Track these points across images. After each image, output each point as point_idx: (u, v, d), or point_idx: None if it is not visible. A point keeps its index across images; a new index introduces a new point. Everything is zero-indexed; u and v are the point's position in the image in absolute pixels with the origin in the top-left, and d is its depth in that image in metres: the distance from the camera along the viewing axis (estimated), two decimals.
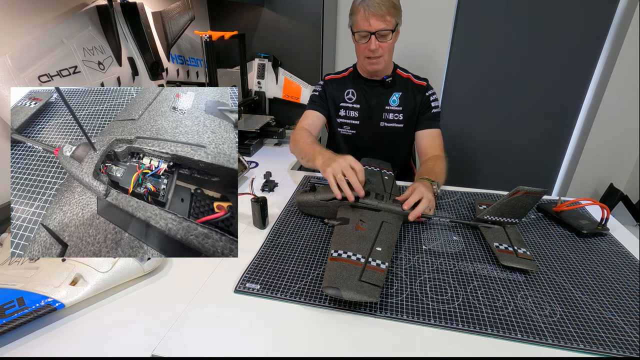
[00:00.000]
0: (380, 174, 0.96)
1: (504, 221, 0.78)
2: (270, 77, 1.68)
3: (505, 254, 0.68)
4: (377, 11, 0.97)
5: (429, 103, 1.13)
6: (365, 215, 0.76)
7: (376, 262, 0.62)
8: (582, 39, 1.69)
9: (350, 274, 0.59)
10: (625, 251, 0.74)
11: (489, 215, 0.77)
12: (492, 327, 0.54)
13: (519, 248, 0.70)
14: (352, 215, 0.75)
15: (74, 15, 0.97)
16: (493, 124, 1.95)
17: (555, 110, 1.86)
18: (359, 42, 1.04)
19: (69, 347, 0.51)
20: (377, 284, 0.57)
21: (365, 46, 1.03)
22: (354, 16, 1.03)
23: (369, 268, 0.60)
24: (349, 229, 0.71)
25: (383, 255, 0.64)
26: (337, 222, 0.74)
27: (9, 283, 0.57)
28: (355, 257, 0.63)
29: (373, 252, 0.65)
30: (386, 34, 1.00)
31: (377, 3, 0.97)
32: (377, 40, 1.01)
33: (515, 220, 0.78)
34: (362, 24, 1.00)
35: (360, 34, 1.02)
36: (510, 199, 0.74)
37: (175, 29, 1.25)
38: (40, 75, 0.87)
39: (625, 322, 0.55)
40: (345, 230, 0.70)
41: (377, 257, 0.63)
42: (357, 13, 1.01)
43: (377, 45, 1.01)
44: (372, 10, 0.97)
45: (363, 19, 0.99)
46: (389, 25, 0.99)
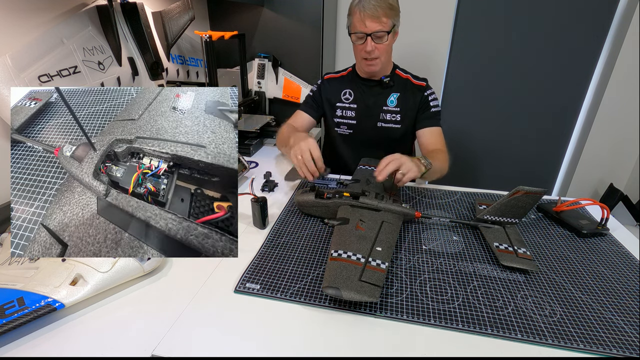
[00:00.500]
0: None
1: (504, 221, 0.78)
2: (270, 77, 1.68)
3: (505, 254, 0.68)
4: (373, 13, 0.97)
5: (428, 102, 1.13)
6: (365, 215, 0.76)
7: (376, 262, 0.62)
8: (582, 39, 1.69)
9: (350, 274, 0.58)
10: (625, 251, 0.74)
11: (489, 215, 0.77)
12: (492, 327, 0.54)
13: (519, 248, 0.70)
14: (352, 215, 0.75)
15: (74, 15, 0.97)
16: (493, 124, 1.95)
17: (555, 110, 1.86)
18: (356, 44, 1.04)
19: (69, 347, 0.50)
20: (377, 283, 0.57)
21: (362, 47, 1.03)
22: (350, 17, 1.03)
23: (369, 268, 0.60)
24: (349, 229, 0.70)
25: (383, 255, 0.64)
26: (337, 222, 0.74)
27: (9, 283, 0.57)
28: (355, 257, 0.63)
29: (373, 252, 0.65)
30: (382, 35, 1.00)
31: (373, 5, 0.96)
32: (373, 41, 1.00)
33: (515, 220, 0.78)
34: (358, 26, 1.00)
35: (356, 35, 1.02)
36: (510, 199, 0.74)
37: (175, 29, 1.25)
38: (40, 75, 0.87)
39: (625, 322, 0.55)
40: (345, 230, 0.70)
41: (377, 257, 0.63)
42: (353, 14, 1.01)
43: (374, 47, 1.01)
44: (368, 12, 0.97)
45: (359, 20, 0.99)
46: (385, 27, 0.99)
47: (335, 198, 0.81)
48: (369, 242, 0.67)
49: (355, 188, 0.86)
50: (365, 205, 0.79)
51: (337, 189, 0.84)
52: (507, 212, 0.76)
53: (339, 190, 0.83)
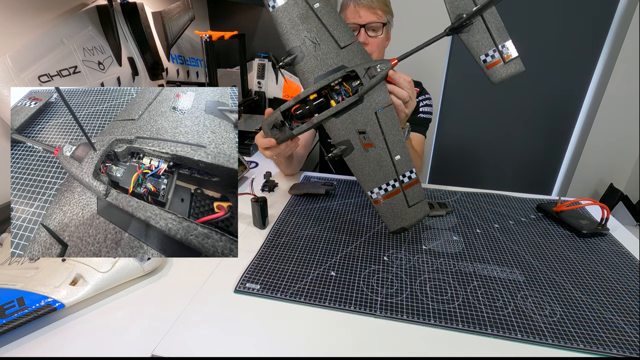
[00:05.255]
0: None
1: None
2: (270, 77, 1.68)
3: (494, 67, 0.66)
4: (368, 3, 0.95)
5: (417, 108, 1.11)
6: (358, 120, 0.66)
7: (406, 175, 0.64)
8: (582, 39, 1.70)
9: (400, 207, 0.63)
10: (625, 251, 0.74)
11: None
12: (492, 327, 0.54)
13: (502, 45, 0.66)
14: (348, 133, 0.66)
15: (74, 15, 0.97)
16: (493, 124, 1.95)
17: (555, 111, 1.86)
18: None
19: (69, 347, 0.50)
20: (421, 198, 0.64)
21: None
22: (343, 12, 1.01)
23: (407, 187, 0.64)
24: (360, 154, 0.66)
25: (405, 162, 0.65)
26: (339, 152, 0.67)
27: (9, 283, 0.57)
28: (389, 186, 0.65)
29: (397, 165, 0.65)
30: (377, 27, 0.97)
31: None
32: (367, 33, 0.98)
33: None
34: (352, 17, 0.97)
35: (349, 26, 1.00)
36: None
37: (175, 29, 1.25)
38: (40, 75, 0.87)
39: (625, 322, 0.55)
40: (358, 159, 0.66)
41: (403, 169, 0.65)
42: (347, 8, 0.99)
43: (367, 39, 0.98)
44: (364, 2, 0.95)
45: (352, 12, 0.97)
46: (380, 19, 0.97)
47: (306, 117, 0.69)
48: (386, 156, 0.65)
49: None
50: (346, 106, 0.67)
51: (301, 107, 0.69)
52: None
53: (302, 107, 0.69)
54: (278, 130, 0.70)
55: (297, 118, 0.70)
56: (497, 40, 0.66)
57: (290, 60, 0.69)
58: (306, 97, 0.68)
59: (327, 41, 0.68)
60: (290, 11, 0.68)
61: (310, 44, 0.68)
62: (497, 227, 0.81)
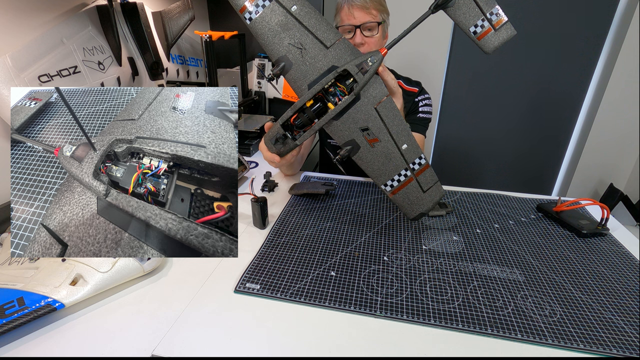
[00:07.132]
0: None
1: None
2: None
3: (486, 37, 0.64)
4: (362, 4, 0.95)
5: (417, 108, 1.11)
6: (359, 118, 0.66)
7: (416, 163, 0.65)
8: (582, 39, 1.70)
9: (415, 195, 0.64)
10: (625, 251, 0.74)
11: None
12: (492, 327, 0.54)
13: (490, 11, 0.63)
14: (351, 133, 0.66)
15: (74, 15, 0.97)
16: (493, 124, 1.95)
17: (555, 111, 1.86)
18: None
19: (69, 347, 0.50)
20: (434, 181, 0.64)
21: (351, 41, 1.02)
22: (338, 15, 1.01)
23: (418, 174, 0.64)
24: (367, 151, 0.65)
25: (413, 150, 0.65)
26: (346, 153, 0.66)
27: (9, 283, 0.57)
28: (401, 176, 0.65)
29: (405, 155, 0.65)
30: (372, 26, 0.97)
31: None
32: (363, 33, 0.97)
33: None
34: (346, 19, 0.97)
35: (344, 28, 0.98)
36: None
37: (175, 29, 1.25)
38: (40, 75, 0.87)
39: (625, 322, 0.55)
40: (366, 156, 0.65)
41: (412, 157, 0.65)
42: (341, 10, 0.99)
43: (363, 40, 0.97)
44: (357, 2, 0.95)
45: (347, 13, 0.97)
46: (375, 18, 0.97)
47: (306, 125, 0.69)
48: (393, 148, 0.64)
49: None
50: (344, 106, 0.66)
51: (300, 116, 0.70)
52: None
53: (300, 116, 0.69)
54: (281, 143, 0.70)
55: (297, 127, 0.70)
56: (485, 8, 0.64)
57: (278, 70, 0.68)
58: (303, 105, 0.68)
59: (312, 44, 0.66)
60: (268, 21, 0.66)
61: (295, 50, 0.66)
62: (497, 227, 0.81)
